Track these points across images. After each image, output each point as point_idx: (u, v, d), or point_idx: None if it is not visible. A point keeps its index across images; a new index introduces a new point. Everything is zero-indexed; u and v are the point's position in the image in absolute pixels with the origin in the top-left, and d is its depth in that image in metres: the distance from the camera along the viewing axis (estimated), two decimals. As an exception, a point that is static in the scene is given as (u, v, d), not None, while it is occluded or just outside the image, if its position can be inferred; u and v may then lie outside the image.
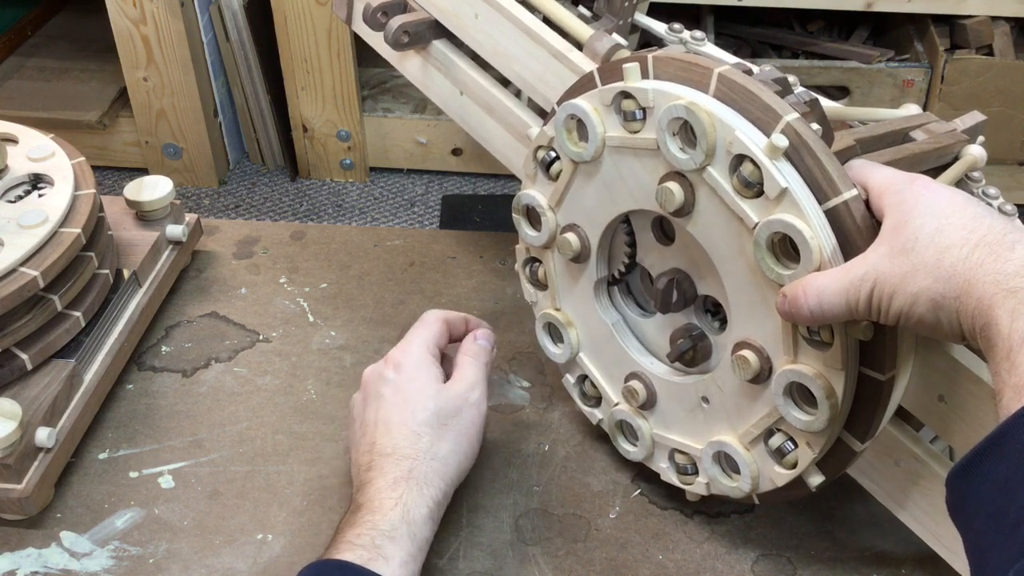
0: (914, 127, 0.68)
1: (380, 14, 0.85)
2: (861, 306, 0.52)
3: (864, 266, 0.52)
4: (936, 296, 0.49)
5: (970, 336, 0.49)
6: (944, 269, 0.49)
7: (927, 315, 0.50)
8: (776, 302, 0.56)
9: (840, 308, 0.53)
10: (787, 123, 0.56)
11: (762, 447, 0.63)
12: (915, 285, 0.50)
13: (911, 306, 0.50)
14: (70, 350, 0.78)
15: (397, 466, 0.64)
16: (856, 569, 0.70)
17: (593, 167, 0.66)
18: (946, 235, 0.50)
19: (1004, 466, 0.43)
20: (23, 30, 1.92)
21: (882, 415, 0.59)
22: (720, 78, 0.59)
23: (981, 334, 0.48)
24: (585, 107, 0.64)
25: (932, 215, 0.51)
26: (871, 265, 0.52)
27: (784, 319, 0.57)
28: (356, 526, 0.61)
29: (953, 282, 0.49)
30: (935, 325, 0.50)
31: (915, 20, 1.65)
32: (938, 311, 0.50)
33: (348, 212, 1.73)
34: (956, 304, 0.49)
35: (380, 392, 0.69)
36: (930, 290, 0.49)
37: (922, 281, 0.50)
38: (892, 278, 0.51)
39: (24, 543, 0.71)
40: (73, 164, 0.83)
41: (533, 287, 0.76)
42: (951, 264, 0.49)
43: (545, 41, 0.75)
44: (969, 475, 0.45)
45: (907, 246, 0.51)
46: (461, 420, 0.68)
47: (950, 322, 0.50)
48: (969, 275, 0.48)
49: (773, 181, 0.55)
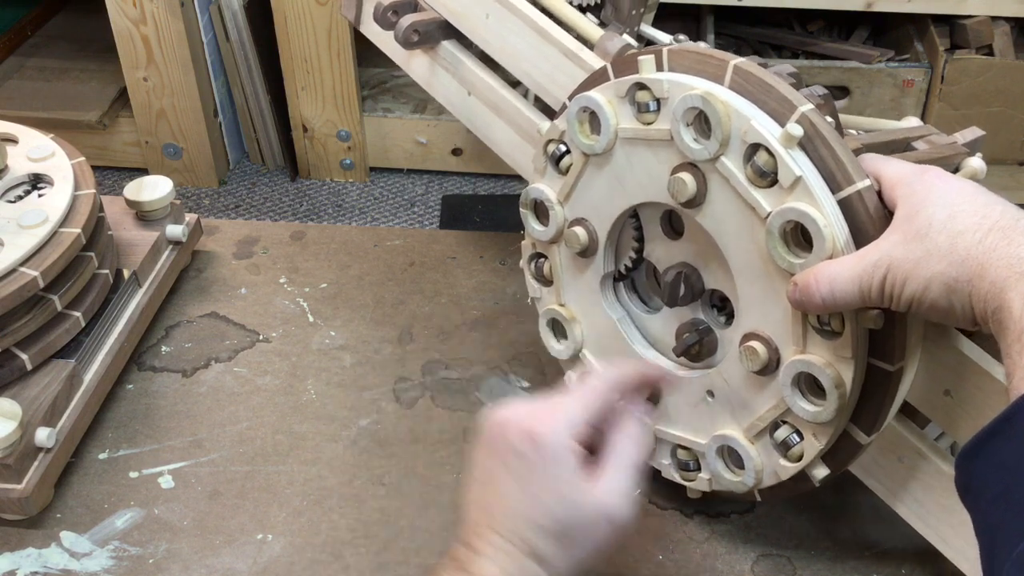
0: (916, 138, 0.68)
1: (391, 13, 0.85)
2: (874, 293, 0.53)
3: (877, 253, 0.53)
4: (949, 280, 0.50)
5: (982, 320, 0.50)
6: (958, 253, 0.50)
7: (940, 300, 0.50)
8: (787, 291, 0.57)
9: (852, 295, 0.53)
10: (802, 113, 0.57)
11: (767, 440, 0.64)
12: (928, 270, 0.50)
13: (924, 291, 0.51)
14: (70, 350, 0.78)
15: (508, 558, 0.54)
16: (856, 568, 0.70)
17: (604, 159, 0.66)
18: (959, 221, 0.51)
19: (1014, 445, 0.43)
20: (23, 30, 1.92)
21: (890, 406, 0.60)
22: (736, 69, 0.60)
23: (993, 317, 0.48)
24: (599, 99, 0.64)
25: (944, 203, 0.52)
26: (884, 252, 0.52)
27: (795, 307, 0.57)
28: None
29: (966, 266, 0.49)
30: (948, 310, 0.51)
31: (915, 20, 1.65)
32: (951, 295, 0.50)
33: (348, 212, 1.73)
34: (969, 288, 0.49)
35: (507, 462, 0.55)
36: (943, 274, 0.50)
37: (935, 266, 0.50)
38: (905, 264, 0.51)
39: (24, 543, 0.71)
40: (73, 164, 0.83)
41: (537, 283, 0.76)
42: (964, 248, 0.50)
43: (557, 40, 0.75)
44: (979, 455, 0.45)
45: (920, 232, 0.51)
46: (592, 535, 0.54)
47: (963, 306, 0.50)
48: (982, 259, 0.49)
49: (787, 170, 0.56)
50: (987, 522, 0.44)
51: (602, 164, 0.66)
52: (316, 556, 0.70)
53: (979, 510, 0.45)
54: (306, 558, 0.70)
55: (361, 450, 0.79)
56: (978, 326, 0.51)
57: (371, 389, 0.84)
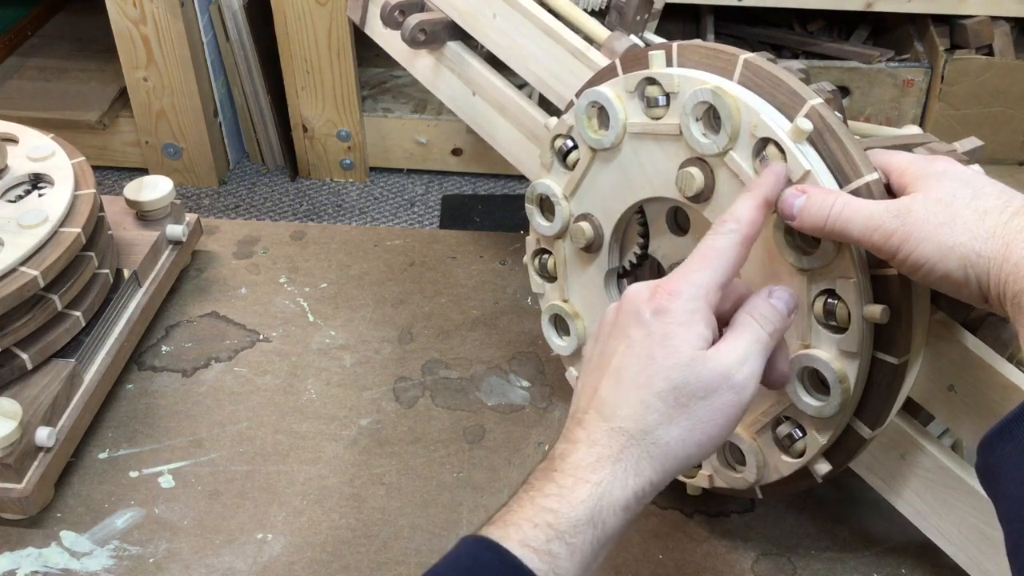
0: (915, 145, 0.68)
1: (397, 12, 0.85)
2: (877, 236, 0.52)
3: (898, 204, 0.52)
4: (972, 253, 0.49)
5: (995, 300, 0.49)
6: (985, 228, 0.49)
7: (956, 271, 0.50)
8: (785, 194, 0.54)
9: (857, 226, 0.52)
10: (812, 107, 0.57)
11: (769, 436, 0.64)
12: (952, 238, 0.50)
13: (941, 258, 0.50)
14: (70, 350, 0.78)
15: (609, 440, 0.51)
16: (856, 568, 0.70)
17: (611, 154, 0.66)
18: (983, 200, 0.51)
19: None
20: (23, 30, 1.92)
21: (894, 400, 0.60)
22: (746, 64, 0.60)
23: (1012, 300, 0.48)
24: (608, 94, 0.65)
25: (965, 182, 0.52)
26: (905, 205, 0.52)
27: (785, 215, 0.55)
28: (538, 507, 0.49)
29: (992, 243, 0.49)
30: (961, 283, 0.50)
31: (915, 20, 1.65)
32: (968, 268, 0.50)
33: (348, 212, 1.73)
34: (989, 265, 0.49)
35: (628, 332, 0.53)
36: (966, 246, 0.49)
37: (960, 236, 0.50)
38: (926, 225, 0.50)
39: (24, 543, 0.71)
40: (73, 164, 0.83)
41: (541, 279, 0.76)
42: (991, 226, 0.49)
43: (564, 39, 0.75)
44: (1004, 440, 0.44)
45: (944, 199, 0.51)
46: (710, 404, 0.51)
47: (978, 282, 0.50)
48: (1008, 239, 0.49)
49: (797, 164, 0.56)
50: (1011, 507, 0.44)
51: (609, 159, 0.67)
52: (316, 556, 0.70)
53: (1003, 496, 0.45)
54: (306, 558, 0.70)
55: (361, 450, 0.79)
56: (986, 304, 0.50)
57: (371, 389, 0.84)
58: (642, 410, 0.51)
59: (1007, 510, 0.44)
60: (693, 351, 0.51)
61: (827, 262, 0.56)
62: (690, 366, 0.51)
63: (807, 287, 0.58)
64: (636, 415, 0.51)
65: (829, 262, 0.56)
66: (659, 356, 0.51)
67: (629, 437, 0.51)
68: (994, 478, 0.45)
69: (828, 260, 0.56)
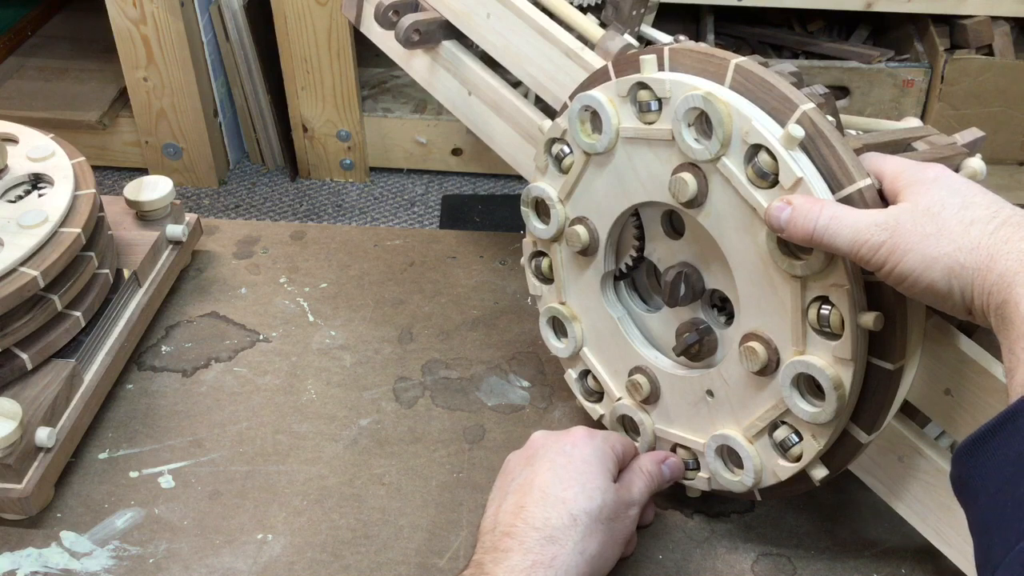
0: (916, 138, 0.68)
1: (392, 12, 0.85)
2: (864, 250, 0.52)
3: (885, 215, 0.52)
4: (955, 264, 0.49)
5: (979, 311, 0.49)
6: (970, 239, 0.49)
7: (939, 281, 0.50)
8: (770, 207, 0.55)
9: (844, 240, 0.52)
10: (803, 112, 0.57)
11: (766, 440, 0.64)
12: (937, 249, 0.50)
13: (925, 269, 0.50)
14: (70, 350, 0.78)
15: (542, 549, 0.58)
16: (856, 568, 0.70)
17: (605, 159, 0.66)
18: (971, 211, 0.51)
19: (1017, 442, 0.43)
20: (23, 30, 1.92)
21: (890, 406, 0.60)
22: (737, 69, 0.60)
23: (996, 311, 0.48)
24: (600, 98, 0.64)
25: (955, 191, 0.52)
26: (893, 216, 0.52)
27: (773, 228, 0.56)
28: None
29: (976, 254, 0.49)
30: (944, 294, 0.50)
31: (915, 20, 1.65)
32: (953, 279, 0.50)
33: (348, 212, 1.73)
34: (974, 276, 0.49)
35: (551, 458, 0.63)
36: (951, 257, 0.49)
37: (945, 247, 0.50)
38: (912, 236, 0.51)
39: (24, 543, 0.71)
40: (73, 164, 0.83)
41: (538, 281, 0.76)
42: (977, 237, 0.49)
43: (558, 40, 0.75)
44: (979, 451, 0.44)
45: (932, 211, 0.51)
46: (616, 526, 0.62)
47: (962, 293, 0.50)
48: (993, 250, 0.49)
49: (788, 171, 0.56)
50: (983, 519, 0.44)
51: (603, 163, 0.66)
52: (316, 556, 0.71)
53: (975, 507, 0.45)
54: (306, 558, 0.70)
55: (361, 450, 0.79)
56: (970, 316, 0.50)
57: (371, 389, 0.84)
58: (570, 522, 0.59)
59: (979, 521, 0.44)
60: (608, 480, 0.63)
61: (820, 269, 0.56)
62: (608, 491, 0.62)
63: (801, 293, 0.58)
64: (566, 527, 0.59)
65: (822, 269, 0.56)
66: (585, 478, 0.62)
67: (560, 547, 0.58)
68: (967, 488, 0.46)
69: (821, 267, 0.56)
